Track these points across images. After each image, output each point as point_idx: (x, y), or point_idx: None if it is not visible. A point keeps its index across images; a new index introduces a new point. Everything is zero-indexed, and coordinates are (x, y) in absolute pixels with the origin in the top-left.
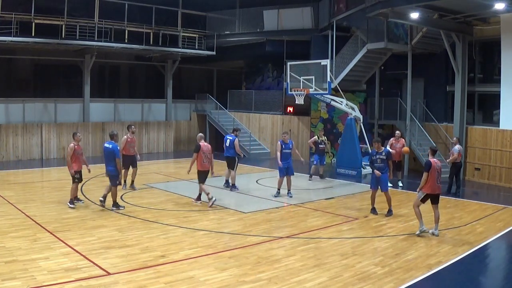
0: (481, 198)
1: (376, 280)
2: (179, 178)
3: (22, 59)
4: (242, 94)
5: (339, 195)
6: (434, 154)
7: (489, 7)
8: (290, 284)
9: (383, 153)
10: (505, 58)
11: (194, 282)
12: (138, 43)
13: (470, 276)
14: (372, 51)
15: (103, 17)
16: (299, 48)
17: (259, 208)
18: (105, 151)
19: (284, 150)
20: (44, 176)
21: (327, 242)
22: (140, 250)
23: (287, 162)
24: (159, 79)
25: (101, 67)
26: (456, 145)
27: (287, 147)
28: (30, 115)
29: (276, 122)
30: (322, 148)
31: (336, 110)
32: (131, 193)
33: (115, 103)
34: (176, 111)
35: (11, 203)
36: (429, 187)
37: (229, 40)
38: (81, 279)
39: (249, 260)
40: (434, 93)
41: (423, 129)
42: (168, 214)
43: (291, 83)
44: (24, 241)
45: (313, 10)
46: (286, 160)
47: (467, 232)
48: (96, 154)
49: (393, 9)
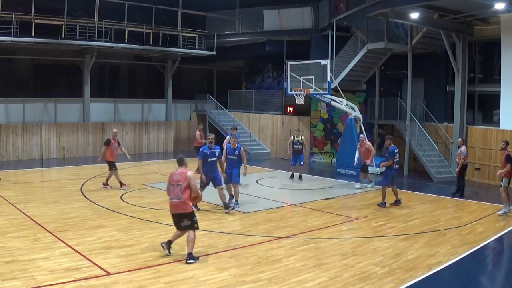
0: (481, 198)
1: (376, 280)
2: None
3: (22, 59)
4: (242, 94)
5: (339, 195)
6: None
7: (489, 7)
8: (290, 284)
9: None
10: (505, 58)
11: (194, 282)
12: (138, 43)
13: (470, 276)
14: (372, 51)
15: (103, 17)
16: (299, 48)
17: (259, 208)
18: None
19: (229, 156)
20: (44, 176)
21: (327, 242)
22: (140, 250)
23: (230, 168)
24: (159, 79)
25: (101, 67)
26: (462, 146)
27: (231, 153)
28: (30, 115)
29: (276, 122)
30: (297, 148)
31: (336, 110)
32: (131, 193)
33: (115, 103)
34: (176, 111)
35: (11, 203)
36: None
37: (229, 40)
38: (81, 279)
39: (249, 260)
40: (434, 93)
41: (423, 129)
42: (168, 214)
43: (291, 83)
44: (24, 241)
45: (313, 10)
46: (230, 166)
47: (467, 232)
48: (96, 154)
49: (393, 9)
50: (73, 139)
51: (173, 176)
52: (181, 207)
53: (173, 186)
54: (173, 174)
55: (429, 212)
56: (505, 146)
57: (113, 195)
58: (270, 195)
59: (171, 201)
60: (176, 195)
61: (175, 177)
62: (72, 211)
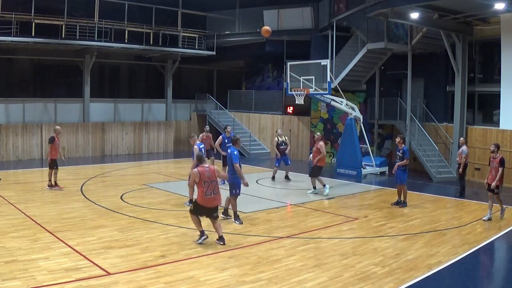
0: (481, 198)
1: (376, 280)
2: (179, 178)
3: (22, 59)
4: (242, 94)
5: (339, 195)
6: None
7: (489, 7)
8: (290, 284)
9: (400, 151)
10: (505, 58)
11: (194, 282)
12: (138, 43)
13: (470, 276)
14: (372, 51)
15: (103, 17)
16: (299, 48)
17: (259, 208)
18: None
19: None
20: (44, 176)
21: (327, 242)
22: (140, 250)
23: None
24: (159, 79)
25: (101, 67)
26: (463, 146)
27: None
28: (30, 115)
29: (276, 122)
30: (283, 149)
31: (336, 110)
32: (131, 193)
33: (115, 103)
34: (176, 111)
35: (11, 203)
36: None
37: (229, 40)
38: (81, 279)
39: (249, 260)
40: (434, 93)
41: (423, 129)
42: (168, 214)
43: (291, 83)
44: (24, 241)
45: (313, 10)
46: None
47: (467, 232)
48: (96, 154)
49: (393, 9)
50: (73, 139)
51: (204, 173)
52: (219, 200)
53: (207, 183)
54: (204, 171)
55: (429, 212)
56: (496, 149)
57: (113, 195)
58: (270, 195)
59: (208, 196)
60: (213, 190)
61: (207, 174)
62: (72, 211)
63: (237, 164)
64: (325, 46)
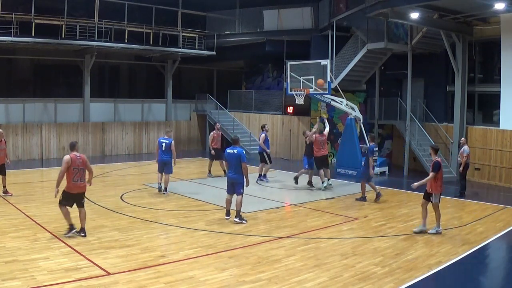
0: (481, 198)
1: (376, 280)
2: (179, 178)
3: (22, 59)
4: (242, 94)
5: (339, 195)
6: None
7: (489, 7)
8: (290, 284)
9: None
10: (505, 58)
11: (194, 282)
12: (138, 43)
13: (470, 276)
14: (372, 51)
15: (103, 17)
16: (299, 48)
17: (259, 208)
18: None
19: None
20: (44, 176)
21: (327, 242)
22: (140, 250)
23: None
24: (159, 79)
25: (101, 67)
26: (465, 145)
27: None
28: (30, 115)
29: (276, 122)
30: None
31: (336, 110)
32: (131, 193)
33: (115, 103)
34: (176, 111)
35: (11, 203)
36: (440, 187)
37: (229, 40)
38: (81, 279)
39: (249, 260)
40: (434, 93)
41: (423, 129)
42: (168, 214)
43: (291, 83)
44: (24, 241)
45: (313, 10)
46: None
47: (467, 232)
48: (96, 154)
49: (393, 9)
50: (73, 139)
51: (76, 160)
52: (84, 188)
53: (75, 169)
54: (75, 158)
55: (429, 212)
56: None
57: (113, 195)
58: (270, 195)
59: (75, 182)
60: (80, 178)
61: (77, 162)
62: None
63: (245, 163)
64: (325, 46)
